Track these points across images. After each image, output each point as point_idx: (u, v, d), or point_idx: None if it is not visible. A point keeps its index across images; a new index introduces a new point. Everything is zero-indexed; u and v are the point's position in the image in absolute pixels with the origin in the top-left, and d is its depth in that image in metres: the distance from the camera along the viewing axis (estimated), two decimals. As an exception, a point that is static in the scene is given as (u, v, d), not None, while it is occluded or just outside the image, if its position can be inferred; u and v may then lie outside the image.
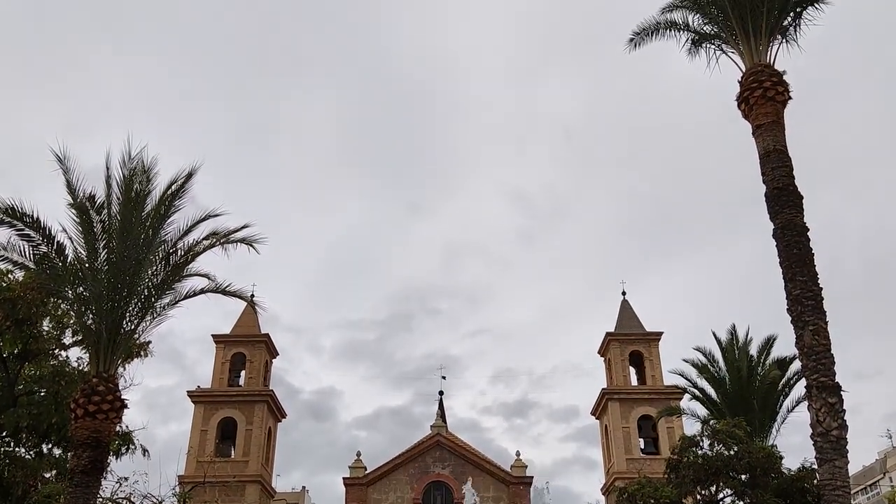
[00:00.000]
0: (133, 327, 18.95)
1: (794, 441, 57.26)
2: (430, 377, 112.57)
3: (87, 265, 18.37)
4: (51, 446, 25.40)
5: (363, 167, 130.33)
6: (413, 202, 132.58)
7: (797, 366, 29.28)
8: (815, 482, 21.93)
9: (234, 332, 48.16)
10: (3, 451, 24.43)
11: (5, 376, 24.35)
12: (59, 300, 23.01)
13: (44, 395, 24.66)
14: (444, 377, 54.34)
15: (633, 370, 47.62)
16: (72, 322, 24.70)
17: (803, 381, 16.67)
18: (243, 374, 47.20)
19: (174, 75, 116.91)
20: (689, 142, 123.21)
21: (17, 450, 24.78)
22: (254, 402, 45.47)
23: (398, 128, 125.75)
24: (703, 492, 24.89)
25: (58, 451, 25.37)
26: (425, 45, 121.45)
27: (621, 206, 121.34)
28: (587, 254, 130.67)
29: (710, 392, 33.39)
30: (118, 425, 19.84)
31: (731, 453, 24.18)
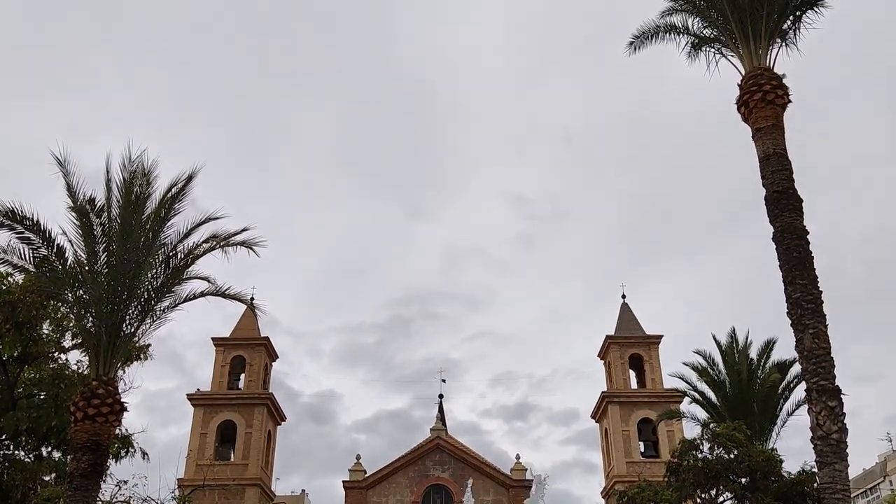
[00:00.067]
0: (133, 330, 18.96)
1: (794, 444, 57.28)
2: (429, 380, 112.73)
3: (87, 268, 18.38)
4: (50, 449, 25.39)
5: (363, 170, 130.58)
6: (413, 205, 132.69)
7: (797, 369, 29.32)
8: (815, 486, 21.95)
9: (233, 336, 48.09)
10: (2, 454, 24.42)
11: (5, 379, 24.34)
12: (59, 303, 23.04)
13: (43, 398, 24.65)
14: (444, 380, 54.41)
15: (633, 373, 47.59)
16: (71, 325, 24.72)
17: (803, 385, 16.67)
18: (243, 377, 47.14)
19: (174, 76, 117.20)
20: (689, 145, 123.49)
21: (17, 453, 24.78)
22: (253, 405, 45.42)
23: (398, 130, 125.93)
24: (703, 495, 24.88)
25: (57, 455, 25.36)
26: (426, 46, 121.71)
27: (621, 209, 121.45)
28: (587, 257, 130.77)
29: (710, 395, 33.42)
30: (118, 428, 19.88)
31: (732, 457, 24.21)
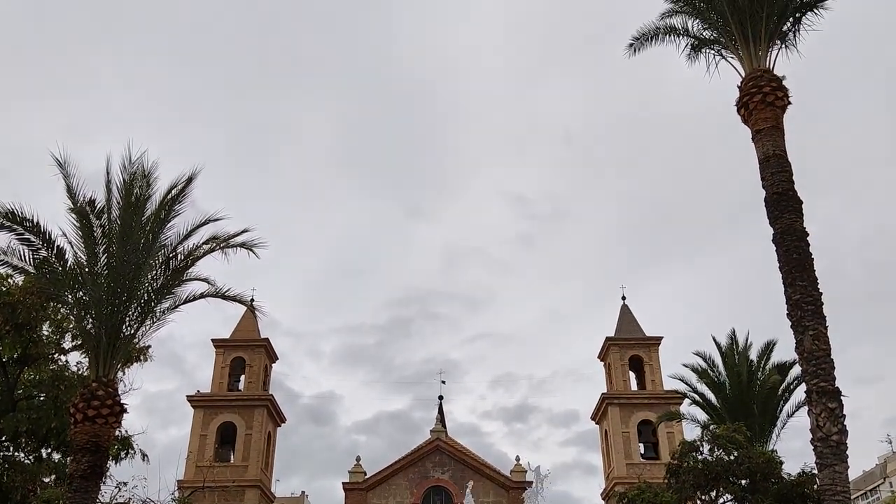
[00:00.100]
0: (133, 332, 18.96)
1: (794, 446, 57.23)
2: (429, 382, 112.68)
3: (86, 269, 18.39)
4: (50, 451, 25.40)
5: (363, 170, 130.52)
6: (413, 205, 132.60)
7: (797, 370, 29.31)
8: (815, 487, 21.94)
9: (233, 337, 48.12)
10: (2, 455, 24.43)
11: (5, 381, 24.35)
12: (59, 305, 23.06)
13: (43, 399, 24.67)
14: (444, 382, 54.52)
15: (633, 375, 47.61)
16: (71, 326, 24.73)
17: (803, 386, 16.66)
18: (243, 378, 47.17)
19: (174, 76, 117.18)
20: (689, 146, 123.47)
21: (17, 454, 24.79)
22: (253, 406, 45.42)
23: (398, 130, 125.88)
24: (703, 497, 24.88)
25: (57, 456, 25.36)
26: (426, 46, 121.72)
27: (621, 210, 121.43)
28: (587, 257, 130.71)
29: (711, 397, 33.40)
30: (117, 430, 19.87)
31: (732, 458, 24.20)
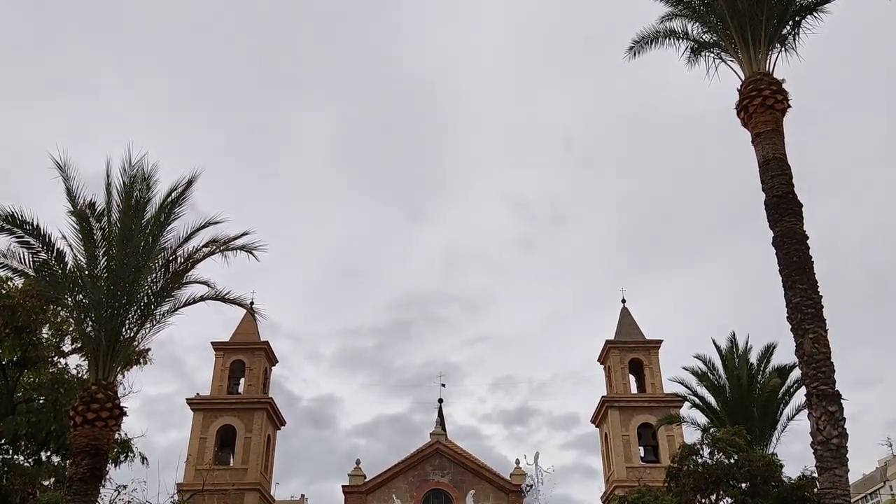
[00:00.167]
0: (132, 335, 18.96)
1: (794, 449, 57.15)
2: (429, 385, 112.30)
3: (86, 272, 18.39)
4: (49, 454, 25.39)
5: (363, 171, 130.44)
6: (413, 207, 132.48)
7: (797, 374, 29.28)
8: (815, 491, 21.88)
9: (233, 340, 48.12)
10: (1, 458, 24.41)
11: (4, 384, 24.36)
12: (59, 307, 23.07)
13: (43, 402, 24.68)
14: (444, 385, 54.21)
15: (632, 378, 47.59)
16: (71, 329, 24.73)
17: (803, 390, 16.63)
18: (243, 381, 47.16)
19: (174, 76, 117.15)
20: (689, 148, 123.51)
21: (16, 457, 24.77)
22: (253, 409, 45.41)
23: (398, 131, 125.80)
24: (703, 500, 24.82)
25: (56, 459, 25.36)
26: (426, 46, 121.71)
27: (621, 213, 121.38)
28: (587, 260, 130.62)
29: (710, 400, 33.36)
30: (117, 433, 19.84)
31: (732, 461, 24.15)
